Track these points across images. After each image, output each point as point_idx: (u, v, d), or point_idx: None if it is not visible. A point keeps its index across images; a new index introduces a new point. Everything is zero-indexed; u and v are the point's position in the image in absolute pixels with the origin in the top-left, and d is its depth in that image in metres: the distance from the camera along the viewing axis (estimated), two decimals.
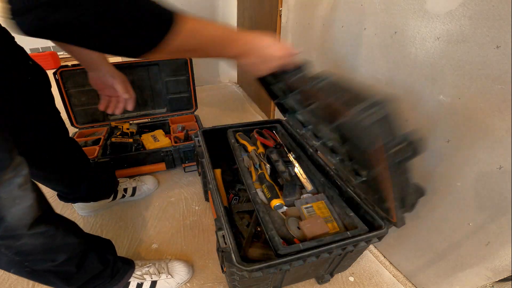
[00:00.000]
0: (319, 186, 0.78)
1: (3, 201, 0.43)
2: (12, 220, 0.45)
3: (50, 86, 0.70)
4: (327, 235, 0.60)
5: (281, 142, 0.96)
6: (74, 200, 0.96)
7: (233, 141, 0.91)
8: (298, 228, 0.65)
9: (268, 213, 0.66)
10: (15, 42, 0.58)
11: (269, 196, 0.70)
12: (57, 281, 0.58)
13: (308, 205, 0.71)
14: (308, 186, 0.78)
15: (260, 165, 0.80)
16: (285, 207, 0.72)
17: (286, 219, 0.67)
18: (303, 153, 0.88)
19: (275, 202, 0.69)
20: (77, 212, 1.04)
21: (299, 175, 0.82)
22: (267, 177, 0.76)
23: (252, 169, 0.80)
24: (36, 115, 0.65)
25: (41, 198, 0.50)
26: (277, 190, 0.72)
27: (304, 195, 0.76)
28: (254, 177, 0.78)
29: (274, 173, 0.84)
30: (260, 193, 0.74)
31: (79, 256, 0.59)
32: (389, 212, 0.56)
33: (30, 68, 0.62)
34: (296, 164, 0.85)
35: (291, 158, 0.87)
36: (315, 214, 0.68)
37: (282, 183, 0.78)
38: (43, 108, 0.68)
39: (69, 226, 0.60)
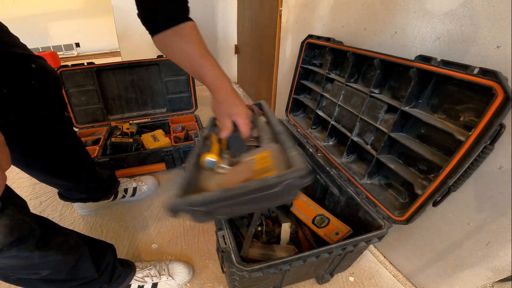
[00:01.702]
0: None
1: None
2: None
3: (58, 88, 0.69)
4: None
5: None
6: (74, 200, 0.96)
7: None
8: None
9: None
10: (14, 48, 0.57)
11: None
12: (47, 287, 0.57)
13: (250, 158, 0.53)
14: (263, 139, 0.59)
15: None
16: (224, 165, 0.54)
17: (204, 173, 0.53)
18: (303, 153, 0.88)
19: (205, 157, 0.53)
20: (77, 212, 1.04)
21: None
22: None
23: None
24: (42, 118, 0.64)
25: (13, 226, 0.45)
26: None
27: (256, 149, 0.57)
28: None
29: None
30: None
31: (68, 268, 0.57)
32: None
33: (33, 73, 0.60)
34: None
35: None
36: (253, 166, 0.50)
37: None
38: (50, 110, 0.67)
39: (54, 246, 0.53)
